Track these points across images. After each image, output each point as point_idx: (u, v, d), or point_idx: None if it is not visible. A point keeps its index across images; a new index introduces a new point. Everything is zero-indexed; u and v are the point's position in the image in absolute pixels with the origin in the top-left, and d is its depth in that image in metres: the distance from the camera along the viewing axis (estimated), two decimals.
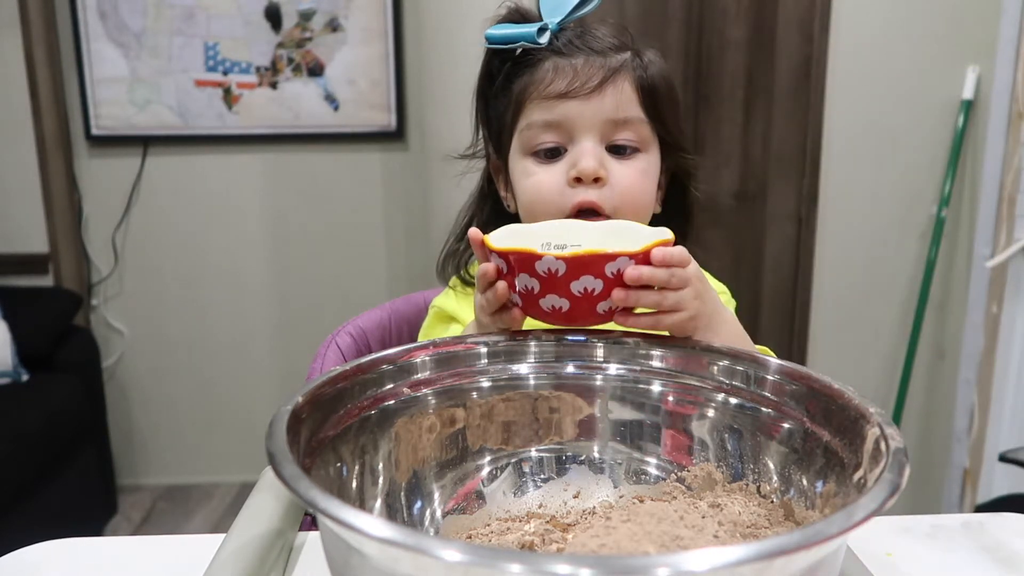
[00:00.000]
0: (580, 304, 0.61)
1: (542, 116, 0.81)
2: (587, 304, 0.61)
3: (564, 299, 0.61)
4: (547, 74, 0.81)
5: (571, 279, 0.60)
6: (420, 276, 2.46)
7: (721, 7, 2.19)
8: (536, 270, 0.60)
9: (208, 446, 2.62)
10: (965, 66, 2.14)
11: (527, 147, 0.82)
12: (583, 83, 0.79)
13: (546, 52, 0.81)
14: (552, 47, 0.81)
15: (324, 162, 2.46)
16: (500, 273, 0.64)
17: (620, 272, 0.60)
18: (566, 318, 0.62)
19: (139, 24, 2.36)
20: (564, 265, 0.60)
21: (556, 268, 0.60)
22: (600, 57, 0.81)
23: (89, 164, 2.45)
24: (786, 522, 0.53)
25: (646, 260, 0.61)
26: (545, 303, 0.62)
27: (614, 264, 0.60)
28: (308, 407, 0.50)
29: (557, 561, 0.33)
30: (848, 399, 0.51)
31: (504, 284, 0.63)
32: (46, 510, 1.99)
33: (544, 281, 0.61)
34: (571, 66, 0.80)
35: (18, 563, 0.64)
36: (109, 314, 2.54)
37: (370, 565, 0.39)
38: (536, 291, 0.61)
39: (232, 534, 0.59)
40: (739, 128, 2.27)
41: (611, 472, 0.62)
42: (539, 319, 0.64)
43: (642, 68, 0.82)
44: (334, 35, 2.38)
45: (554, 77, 0.80)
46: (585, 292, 0.60)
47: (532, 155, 0.82)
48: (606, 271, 0.60)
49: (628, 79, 0.81)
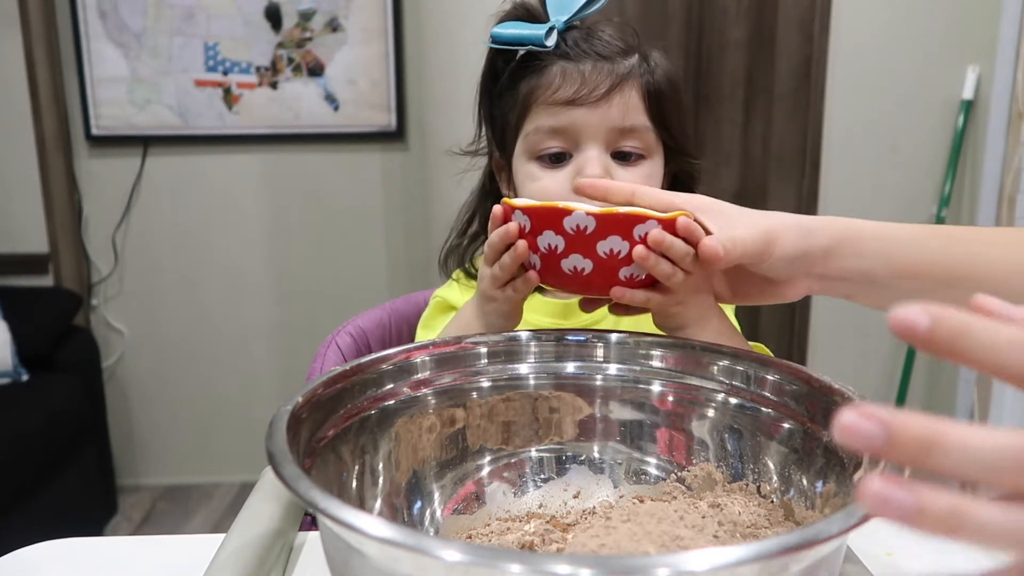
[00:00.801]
0: (604, 266, 0.61)
1: (548, 122, 0.81)
2: (610, 267, 0.61)
3: (588, 260, 0.60)
4: (554, 79, 0.81)
5: (598, 238, 0.60)
6: (420, 276, 2.46)
7: (721, 7, 2.19)
8: (564, 226, 0.60)
9: (208, 446, 2.62)
10: (965, 66, 2.14)
11: (532, 151, 0.82)
12: (591, 91, 0.79)
13: (553, 55, 0.81)
14: (559, 50, 0.81)
15: (324, 162, 2.46)
16: (522, 232, 0.63)
17: (646, 236, 0.60)
18: (585, 283, 0.62)
19: (139, 24, 2.36)
20: (594, 221, 0.59)
21: (585, 225, 0.59)
22: (608, 63, 0.81)
23: (89, 164, 2.45)
24: (786, 522, 0.53)
25: (672, 227, 0.61)
26: (567, 264, 0.61)
27: (643, 227, 0.60)
28: (308, 407, 0.50)
29: (557, 561, 0.33)
30: (848, 399, 0.51)
31: (524, 243, 0.63)
32: (46, 510, 1.99)
33: (570, 239, 0.60)
34: (578, 72, 0.80)
35: (18, 563, 0.64)
36: (109, 314, 2.54)
37: (370, 565, 0.39)
38: (560, 250, 0.61)
39: (232, 534, 0.59)
40: (739, 128, 2.27)
41: (611, 472, 0.62)
42: (556, 285, 0.64)
43: (649, 73, 0.82)
44: (334, 35, 2.38)
45: (561, 83, 0.80)
46: (610, 254, 0.60)
47: (537, 159, 0.82)
48: (634, 234, 0.60)
49: (635, 86, 0.81)
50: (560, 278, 0.63)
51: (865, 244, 0.62)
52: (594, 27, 0.84)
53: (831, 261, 0.62)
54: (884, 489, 0.28)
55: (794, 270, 0.62)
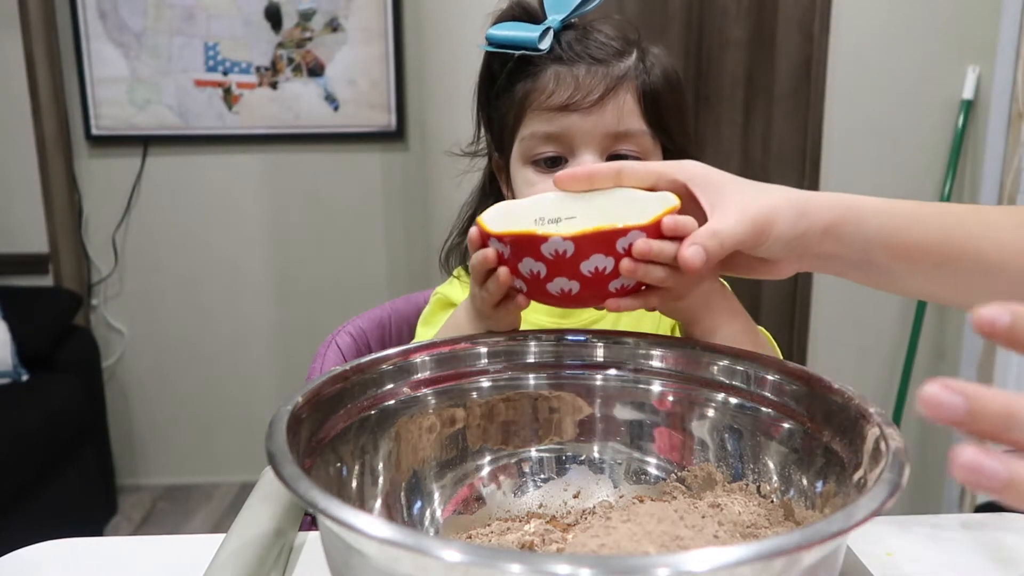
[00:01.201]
0: (591, 284, 0.58)
1: (543, 128, 0.80)
2: (598, 284, 0.58)
3: (574, 281, 0.57)
4: (548, 83, 0.80)
5: (580, 259, 0.56)
6: (420, 276, 2.46)
7: (721, 7, 2.19)
8: (542, 252, 0.56)
9: (208, 446, 2.62)
10: (965, 66, 2.14)
11: (527, 156, 0.82)
12: (584, 96, 0.78)
13: (547, 58, 0.80)
14: (553, 53, 0.80)
15: (324, 162, 2.46)
16: (501, 258, 0.60)
17: (630, 247, 0.56)
18: (577, 300, 0.59)
19: (139, 24, 2.36)
20: (572, 245, 0.55)
21: (564, 249, 0.56)
22: (602, 66, 0.80)
23: (89, 164, 2.45)
24: (786, 522, 0.53)
25: (656, 231, 0.57)
26: (553, 287, 0.58)
27: (625, 239, 0.56)
28: (308, 407, 0.50)
29: (557, 561, 0.33)
30: (848, 399, 0.51)
31: (506, 270, 0.60)
32: (46, 510, 1.99)
33: (551, 263, 0.57)
34: (572, 76, 0.79)
35: (18, 563, 0.64)
36: (109, 314, 2.54)
37: (370, 565, 0.39)
38: (543, 275, 0.58)
39: (232, 534, 0.59)
40: (739, 128, 2.27)
41: (611, 472, 0.62)
42: (547, 303, 0.61)
43: (645, 73, 0.81)
44: (334, 35, 2.38)
45: (555, 88, 0.80)
46: (596, 272, 0.57)
47: (532, 164, 0.82)
48: (617, 247, 0.56)
49: (630, 89, 0.80)
50: (549, 299, 0.60)
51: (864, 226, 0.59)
52: (591, 26, 0.83)
53: (827, 242, 0.60)
54: (976, 459, 0.30)
55: (788, 252, 0.60)
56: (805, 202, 0.59)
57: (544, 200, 0.65)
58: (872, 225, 0.59)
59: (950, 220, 0.60)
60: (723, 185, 0.60)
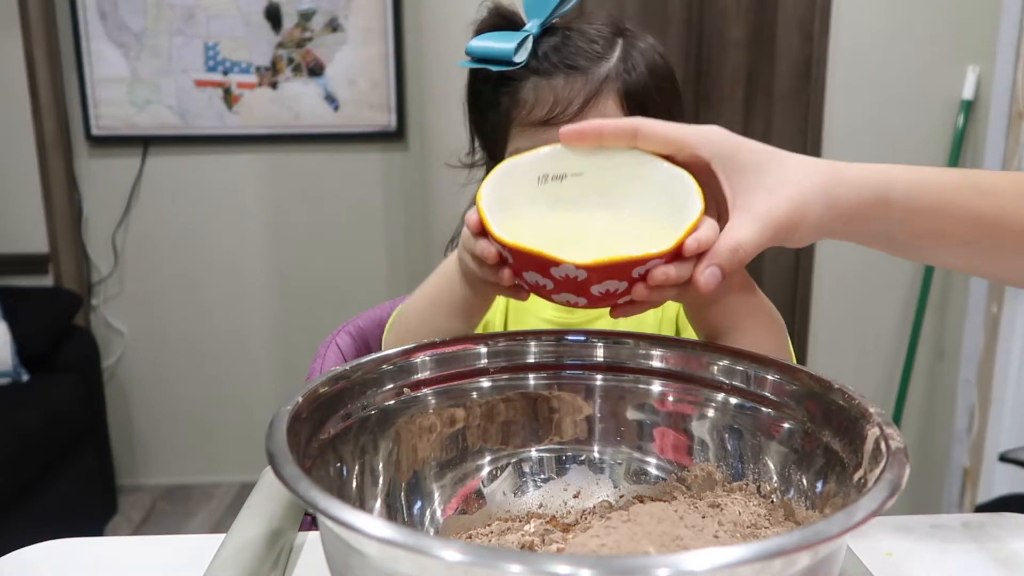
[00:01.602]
0: (599, 301, 0.56)
1: (526, 143, 0.78)
2: (607, 300, 0.57)
3: (582, 297, 0.56)
4: (528, 97, 0.79)
5: (592, 284, 0.54)
6: (420, 276, 2.45)
7: (721, 7, 2.19)
8: (551, 273, 0.54)
9: (208, 446, 2.62)
10: (965, 66, 2.14)
11: None
12: (564, 108, 0.77)
13: (527, 69, 0.79)
14: (531, 65, 0.79)
15: (324, 162, 2.46)
16: (503, 259, 0.58)
17: (646, 273, 0.54)
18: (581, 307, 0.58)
19: (139, 24, 2.36)
20: (584, 273, 0.53)
21: (575, 275, 0.53)
22: (581, 74, 0.78)
23: (89, 164, 2.45)
24: (786, 522, 0.53)
25: (676, 254, 0.54)
26: (559, 298, 0.56)
27: (642, 267, 0.54)
28: (308, 407, 0.50)
29: (557, 561, 0.33)
30: (848, 399, 0.51)
31: (509, 273, 0.58)
32: (46, 510, 1.99)
33: (559, 283, 0.55)
34: (551, 89, 0.78)
35: (18, 563, 0.64)
36: (109, 314, 2.54)
37: (370, 565, 0.39)
38: (549, 288, 0.56)
39: (232, 534, 0.59)
40: (739, 128, 2.26)
41: (611, 472, 0.62)
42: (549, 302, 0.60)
43: (627, 72, 0.79)
44: (334, 35, 2.38)
45: (535, 102, 0.79)
46: (606, 293, 0.55)
47: None
48: (632, 273, 0.54)
49: (612, 94, 0.78)
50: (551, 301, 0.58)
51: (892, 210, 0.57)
52: (572, 29, 0.81)
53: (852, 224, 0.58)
54: None
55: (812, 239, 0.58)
56: (835, 188, 0.56)
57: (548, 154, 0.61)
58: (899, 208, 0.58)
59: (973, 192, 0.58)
60: (747, 169, 0.56)
